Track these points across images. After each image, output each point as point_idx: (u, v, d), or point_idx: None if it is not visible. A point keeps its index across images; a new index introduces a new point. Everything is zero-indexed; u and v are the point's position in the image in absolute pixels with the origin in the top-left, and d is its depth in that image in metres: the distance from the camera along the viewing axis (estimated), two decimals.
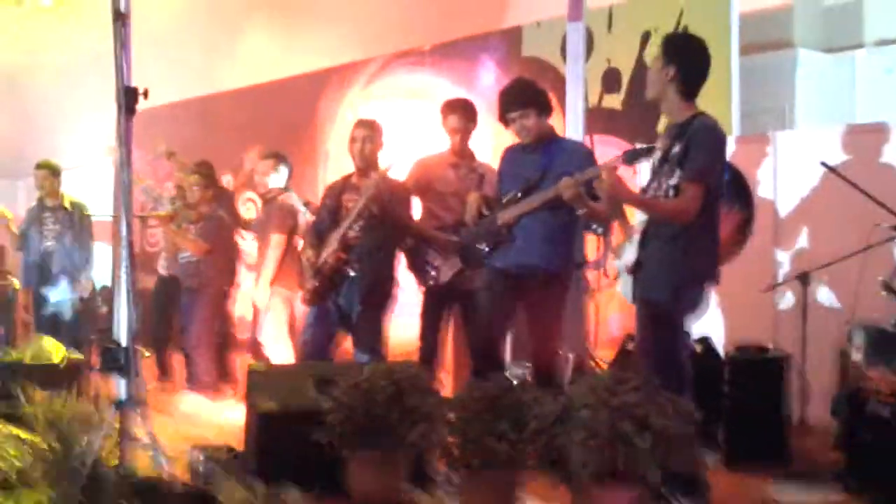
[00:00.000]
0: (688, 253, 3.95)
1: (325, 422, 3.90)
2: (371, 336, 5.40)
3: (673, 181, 3.97)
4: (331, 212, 5.60)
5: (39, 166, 8.29)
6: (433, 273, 5.53)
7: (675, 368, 3.91)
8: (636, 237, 4.07)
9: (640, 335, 4.14)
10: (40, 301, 8.18)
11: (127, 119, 4.11)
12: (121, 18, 4.10)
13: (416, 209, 5.78)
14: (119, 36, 4.09)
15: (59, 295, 8.14)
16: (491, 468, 3.59)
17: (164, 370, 8.18)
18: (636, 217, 4.16)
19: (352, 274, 5.43)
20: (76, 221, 7.70)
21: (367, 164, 5.57)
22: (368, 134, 5.59)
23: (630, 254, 4.08)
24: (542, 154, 4.85)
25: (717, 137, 4.02)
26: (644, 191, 4.11)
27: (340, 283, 5.45)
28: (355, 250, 5.45)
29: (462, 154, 5.70)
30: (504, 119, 4.93)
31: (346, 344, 5.59)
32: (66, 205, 8.27)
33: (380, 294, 5.48)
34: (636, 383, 3.31)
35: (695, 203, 3.91)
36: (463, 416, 3.68)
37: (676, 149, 3.98)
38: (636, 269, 4.05)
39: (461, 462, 3.69)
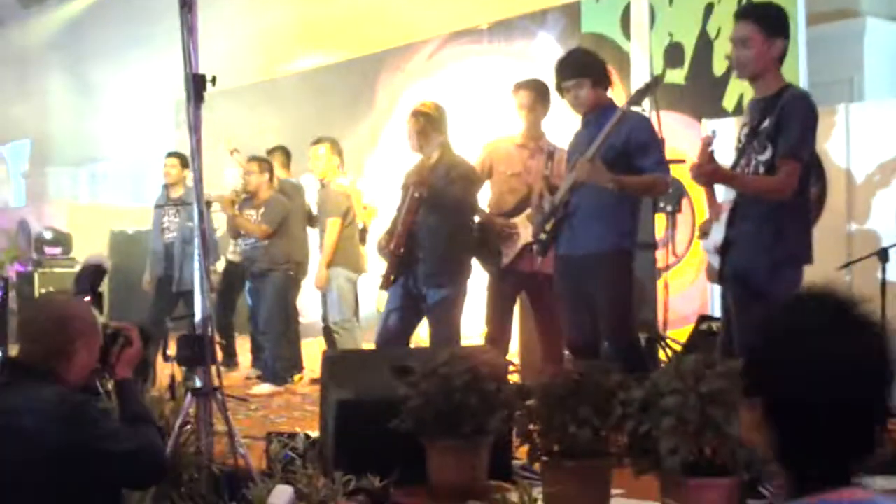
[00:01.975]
0: (782, 233, 3.81)
1: (403, 409, 3.88)
2: (445, 321, 5.34)
3: (764, 157, 3.82)
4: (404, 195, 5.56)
5: (170, 155, 8.18)
6: (499, 257, 5.46)
7: None
8: (724, 216, 3.93)
9: (730, 316, 3.98)
10: (166, 290, 8.03)
11: (196, 107, 4.07)
12: (187, 5, 4.07)
13: (485, 192, 5.71)
14: (185, 23, 4.06)
15: (182, 285, 7.92)
16: (574, 456, 3.52)
17: (229, 356, 8.23)
18: (724, 194, 4.03)
19: (420, 257, 5.38)
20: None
21: (421, 149, 5.53)
22: (417, 122, 5.51)
23: (717, 233, 3.94)
24: (595, 126, 4.66)
25: (810, 110, 3.83)
26: (733, 167, 3.95)
27: (409, 267, 5.40)
28: (417, 234, 5.40)
29: (531, 134, 5.60)
30: (560, 89, 4.82)
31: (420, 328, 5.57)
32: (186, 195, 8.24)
33: (447, 276, 5.38)
34: (724, 368, 3.23)
35: (792, 180, 3.76)
36: (545, 402, 3.61)
37: (767, 123, 3.81)
38: (724, 249, 3.91)
39: (543, 450, 3.63)
